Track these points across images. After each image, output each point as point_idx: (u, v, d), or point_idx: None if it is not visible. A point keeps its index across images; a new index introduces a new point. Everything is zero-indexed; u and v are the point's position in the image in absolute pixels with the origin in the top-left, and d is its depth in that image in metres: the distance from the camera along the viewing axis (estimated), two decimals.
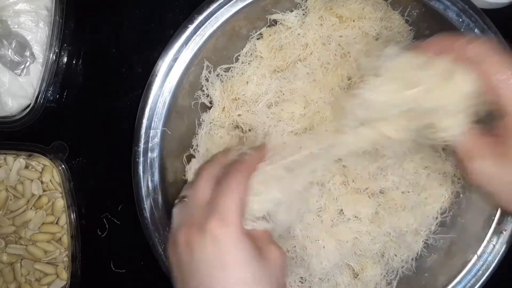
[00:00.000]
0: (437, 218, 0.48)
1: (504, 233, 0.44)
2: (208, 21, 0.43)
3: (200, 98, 0.47)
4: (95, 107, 0.51)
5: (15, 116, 0.48)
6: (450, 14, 0.43)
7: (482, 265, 0.44)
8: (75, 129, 0.51)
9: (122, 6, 0.51)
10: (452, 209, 0.47)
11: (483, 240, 0.44)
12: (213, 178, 0.36)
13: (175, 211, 0.38)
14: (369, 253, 0.46)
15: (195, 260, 0.33)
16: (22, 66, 0.48)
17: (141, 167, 0.43)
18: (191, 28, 0.43)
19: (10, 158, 0.51)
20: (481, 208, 0.45)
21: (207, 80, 0.46)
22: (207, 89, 0.47)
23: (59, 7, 0.48)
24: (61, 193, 0.50)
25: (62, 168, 0.50)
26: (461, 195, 0.47)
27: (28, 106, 0.49)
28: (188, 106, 0.47)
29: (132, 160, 0.43)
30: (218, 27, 0.43)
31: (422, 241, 0.48)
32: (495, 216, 0.44)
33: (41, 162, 0.51)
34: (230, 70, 0.47)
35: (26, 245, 0.50)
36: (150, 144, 0.43)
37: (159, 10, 0.51)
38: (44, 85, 0.48)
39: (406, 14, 0.46)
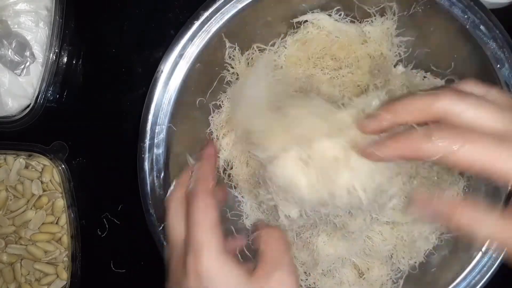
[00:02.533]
0: None
1: None
2: (214, 17, 0.43)
3: (206, 97, 0.47)
4: (95, 107, 0.51)
5: (15, 116, 0.48)
6: (455, 11, 0.43)
7: (487, 262, 0.44)
8: (75, 129, 0.51)
9: (122, 6, 0.51)
10: None
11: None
12: (181, 211, 0.35)
13: (166, 256, 0.37)
14: (378, 255, 0.46)
15: None
16: (22, 66, 0.48)
17: (146, 163, 0.43)
18: (196, 24, 0.43)
19: (10, 158, 0.51)
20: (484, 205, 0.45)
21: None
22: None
23: (59, 7, 0.48)
24: (61, 193, 0.50)
25: (62, 168, 0.50)
26: (465, 190, 0.47)
27: (28, 106, 0.49)
28: (194, 103, 0.46)
29: (137, 157, 0.43)
30: (224, 24, 0.43)
31: (432, 244, 0.47)
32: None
33: (41, 162, 0.51)
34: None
35: (26, 245, 0.50)
36: (155, 140, 0.43)
37: (159, 10, 0.51)
38: (44, 85, 0.48)
39: (410, 12, 0.46)
